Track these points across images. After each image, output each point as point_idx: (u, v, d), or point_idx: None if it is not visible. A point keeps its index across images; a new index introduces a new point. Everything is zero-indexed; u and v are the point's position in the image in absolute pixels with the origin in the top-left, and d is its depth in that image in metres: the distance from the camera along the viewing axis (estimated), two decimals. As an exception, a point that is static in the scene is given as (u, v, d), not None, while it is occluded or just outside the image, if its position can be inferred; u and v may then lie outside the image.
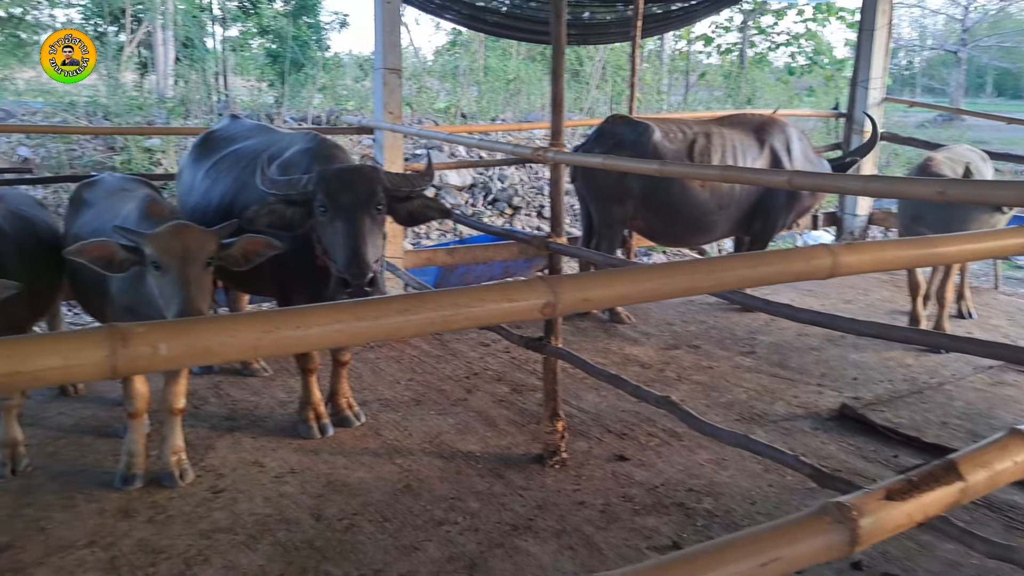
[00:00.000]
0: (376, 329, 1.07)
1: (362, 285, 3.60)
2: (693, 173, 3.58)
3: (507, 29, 9.18)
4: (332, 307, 1.06)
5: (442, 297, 1.11)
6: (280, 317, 1.02)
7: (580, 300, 1.22)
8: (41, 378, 0.90)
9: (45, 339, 0.91)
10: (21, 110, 11.19)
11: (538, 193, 11.15)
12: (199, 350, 0.97)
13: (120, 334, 0.93)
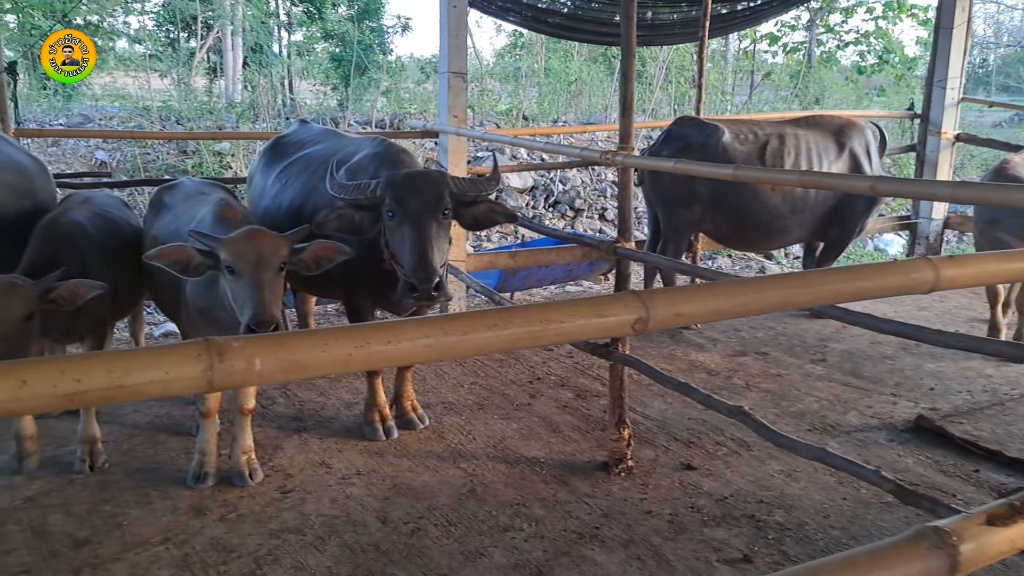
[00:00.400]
0: (465, 344, 1.05)
1: (429, 290, 3.61)
2: (769, 178, 3.49)
3: (568, 30, 9.15)
4: (421, 322, 1.05)
5: (531, 312, 1.09)
6: (371, 332, 1.01)
7: (673, 315, 1.18)
8: (141, 392, 0.90)
9: (144, 353, 0.92)
10: (99, 115, 11.58)
11: (600, 195, 11.07)
12: (293, 365, 0.97)
13: (216, 348, 0.94)
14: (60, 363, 0.88)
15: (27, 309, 3.57)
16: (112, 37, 21.66)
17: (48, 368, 0.87)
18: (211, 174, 10.05)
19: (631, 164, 3.89)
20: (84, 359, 0.90)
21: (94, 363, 0.89)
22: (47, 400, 0.86)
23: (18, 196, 4.61)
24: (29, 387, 0.85)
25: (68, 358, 0.89)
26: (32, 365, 0.87)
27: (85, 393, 0.87)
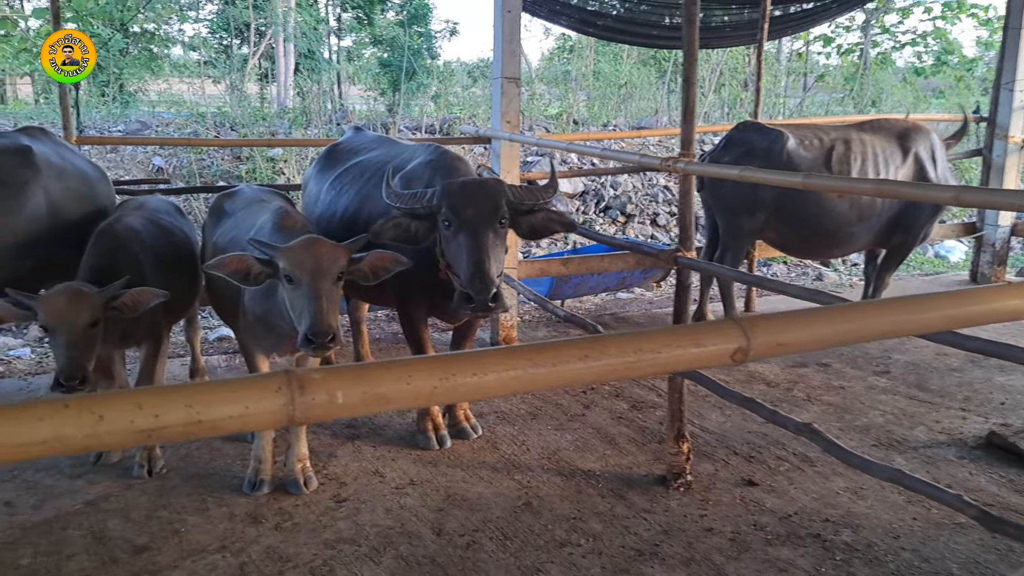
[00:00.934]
0: (554, 376, 0.99)
1: (486, 301, 3.55)
2: (844, 187, 3.35)
3: (618, 33, 9.05)
4: (508, 353, 0.99)
5: (625, 342, 1.03)
6: (456, 363, 0.95)
7: (775, 345, 1.11)
8: (220, 428, 0.86)
9: (223, 387, 0.87)
10: (155, 121, 11.80)
11: (652, 200, 10.93)
12: (376, 398, 0.91)
13: (298, 381, 0.89)
14: (138, 397, 0.83)
15: (93, 316, 3.66)
16: (167, 44, 22.14)
17: (125, 402, 0.82)
18: (264, 180, 10.15)
19: (694, 171, 3.79)
20: (163, 393, 0.85)
21: (173, 397, 0.84)
22: (124, 437, 0.82)
23: (81, 203, 4.69)
24: (105, 423, 0.81)
25: (146, 391, 0.84)
26: (109, 399, 0.83)
27: (163, 430, 0.83)
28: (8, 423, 0.77)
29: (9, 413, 0.78)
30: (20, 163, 4.40)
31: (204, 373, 5.46)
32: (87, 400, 0.81)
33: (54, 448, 0.79)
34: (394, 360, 0.96)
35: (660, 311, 7.68)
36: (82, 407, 0.80)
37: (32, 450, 0.79)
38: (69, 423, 0.79)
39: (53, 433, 0.79)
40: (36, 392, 5.39)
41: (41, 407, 0.80)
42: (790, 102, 17.42)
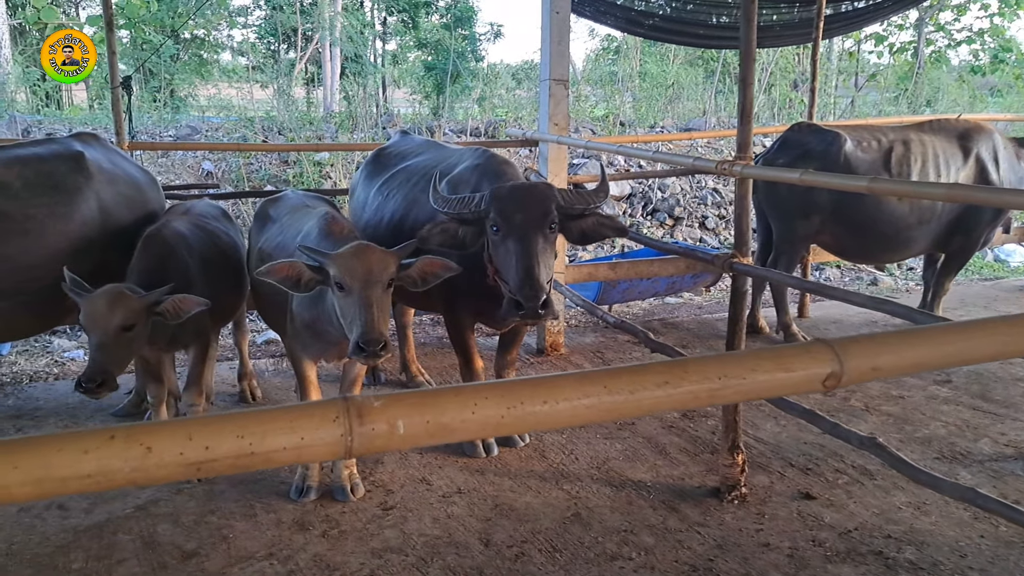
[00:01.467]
0: (631, 405, 0.91)
1: (535, 308, 3.47)
2: (912, 192, 3.20)
3: (665, 32, 8.91)
4: (582, 380, 0.91)
5: (707, 367, 0.94)
6: (526, 390, 0.88)
7: (869, 369, 1.02)
8: (274, 460, 0.80)
9: (278, 416, 0.81)
10: (205, 126, 11.96)
11: (700, 203, 10.75)
12: (439, 428, 0.85)
13: (356, 409, 0.82)
14: (188, 427, 0.78)
15: (127, 320, 3.66)
16: (217, 50, 22.50)
17: (175, 433, 0.77)
18: (311, 184, 10.21)
19: (751, 175, 3.67)
20: (214, 423, 0.80)
21: (224, 427, 0.79)
22: (173, 470, 0.76)
23: (131, 208, 4.73)
24: (154, 455, 0.75)
25: (197, 421, 0.79)
26: (157, 430, 0.77)
27: (214, 462, 0.77)
28: (51, 455, 0.72)
29: (52, 444, 0.73)
30: (73, 169, 4.44)
31: (252, 376, 5.47)
32: (135, 431, 0.76)
33: (99, 483, 0.74)
34: (458, 387, 0.89)
35: (710, 316, 7.52)
36: (129, 438, 0.75)
37: (75, 484, 0.74)
38: (115, 456, 0.74)
39: (99, 467, 0.73)
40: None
41: (86, 437, 0.74)
42: (841, 102, 17.03)
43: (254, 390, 5.42)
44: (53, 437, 0.74)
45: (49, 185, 4.32)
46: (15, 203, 4.16)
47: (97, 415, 5.12)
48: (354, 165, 10.42)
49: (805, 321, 7.10)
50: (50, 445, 0.73)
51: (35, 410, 5.23)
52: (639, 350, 6.22)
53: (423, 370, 5.71)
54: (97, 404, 5.26)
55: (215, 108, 15.98)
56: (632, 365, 0.93)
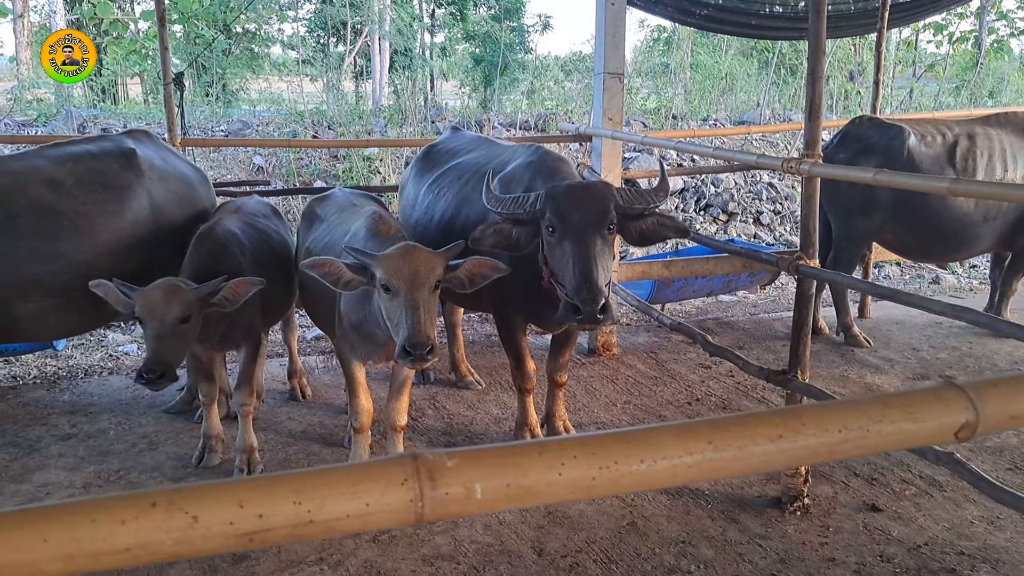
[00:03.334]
0: (740, 463, 0.79)
1: (594, 312, 3.34)
2: (996, 194, 2.98)
3: (718, 23, 8.66)
4: (683, 433, 0.79)
5: (826, 418, 0.82)
6: (620, 447, 0.77)
7: (1008, 418, 0.88)
8: (335, 529, 0.70)
9: (339, 476, 0.71)
10: (256, 120, 12.02)
11: (755, 199, 10.47)
12: (522, 492, 0.74)
13: (427, 471, 0.72)
14: (239, 492, 0.68)
15: (183, 311, 3.68)
16: (267, 44, 22.68)
17: (224, 500, 0.67)
18: (360, 179, 10.18)
19: (820, 174, 3.49)
20: (266, 485, 0.70)
21: (279, 491, 0.69)
22: (221, 541, 0.67)
23: (182, 205, 4.72)
24: (200, 526, 0.66)
25: (248, 484, 0.69)
26: (204, 495, 0.68)
27: (268, 532, 0.67)
28: (83, 527, 0.63)
29: (83, 512, 0.64)
30: (124, 166, 4.44)
31: (302, 374, 5.45)
32: (177, 497, 0.66)
33: (138, 558, 0.64)
34: (543, 443, 0.78)
35: (767, 316, 7.31)
36: (172, 506, 0.65)
37: (111, 560, 0.64)
38: (157, 527, 0.65)
39: (138, 539, 0.64)
40: (142, 391, 5.47)
41: (123, 505, 0.65)
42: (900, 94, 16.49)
43: (304, 388, 5.39)
44: (86, 504, 0.65)
45: (101, 183, 4.33)
46: (68, 201, 4.17)
47: (150, 411, 5.13)
48: (403, 160, 10.37)
49: (866, 321, 6.85)
50: (83, 514, 0.64)
51: (89, 405, 5.26)
52: (694, 350, 6.05)
53: (472, 369, 5.62)
54: (150, 400, 5.29)
55: (266, 102, 16.08)
56: (741, 415, 0.81)
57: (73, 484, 4.22)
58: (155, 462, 4.47)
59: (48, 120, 11.39)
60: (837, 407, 0.84)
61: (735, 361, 3.99)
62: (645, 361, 5.93)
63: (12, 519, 0.63)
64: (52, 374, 6.39)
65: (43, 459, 4.50)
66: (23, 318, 4.12)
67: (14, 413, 5.13)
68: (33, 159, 4.28)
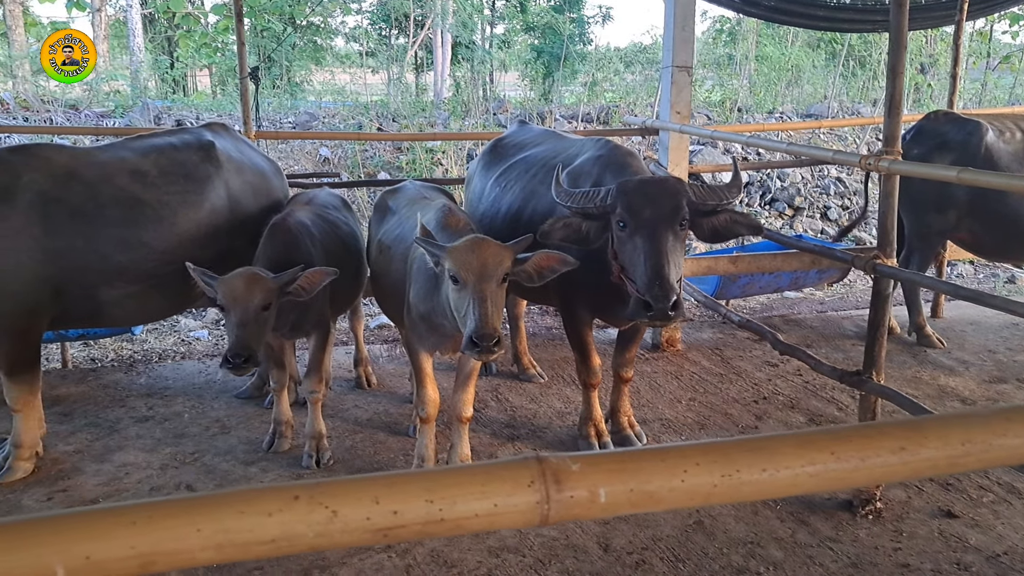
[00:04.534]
0: (862, 473, 0.79)
1: (665, 309, 3.32)
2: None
3: (783, 14, 8.47)
4: (805, 443, 0.80)
5: (949, 431, 0.81)
6: (743, 456, 0.77)
7: None
8: (463, 527, 0.72)
9: (469, 476, 0.73)
10: (322, 112, 12.23)
11: (823, 193, 10.25)
12: (644, 497, 0.75)
13: (553, 474, 0.73)
14: (374, 488, 0.70)
15: (265, 299, 3.81)
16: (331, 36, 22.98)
17: (361, 495, 0.70)
18: (423, 171, 10.28)
19: (900, 172, 3.40)
20: (400, 483, 0.72)
21: (412, 490, 0.71)
22: (358, 536, 0.69)
23: (257, 196, 4.83)
24: (339, 520, 0.68)
25: (383, 481, 0.71)
26: (342, 490, 0.70)
27: (401, 528, 0.70)
28: (231, 518, 0.66)
29: (232, 504, 0.67)
30: (204, 158, 4.56)
31: (368, 363, 5.55)
32: (318, 491, 0.69)
33: (281, 548, 0.67)
34: (665, 450, 0.78)
35: (835, 314, 7.17)
36: (313, 500, 0.68)
37: (257, 550, 0.68)
38: (299, 520, 0.68)
39: (282, 531, 0.67)
40: (214, 375, 5.64)
41: (269, 498, 0.68)
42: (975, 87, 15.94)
43: (369, 376, 5.49)
44: (234, 496, 0.68)
45: (182, 174, 4.46)
46: (152, 191, 4.31)
47: (222, 396, 5.28)
48: (465, 152, 10.43)
49: (939, 322, 6.67)
50: (231, 506, 0.67)
51: (164, 389, 5.44)
52: (760, 347, 5.97)
53: (534, 362, 5.64)
54: (222, 386, 5.44)
55: (330, 94, 16.33)
56: (861, 426, 0.81)
57: (151, 465, 4.37)
58: (228, 446, 4.60)
59: (125, 112, 11.75)
60: (960, 420, 0.83)
61: (806, 360, 3.93)
62: (710, 358, 5.87)
63: (168, 509, 0.66)
64: (128, 358, 6.62)
65: (122, 440, 4.66)
66: (108, 304, 4.27)
67: (94, 395, 5.33)
68: (119, 151, 4.42)
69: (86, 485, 4.16)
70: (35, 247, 4.00)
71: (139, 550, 0.64)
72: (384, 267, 4.33)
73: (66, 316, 4.33)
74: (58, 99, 12.32)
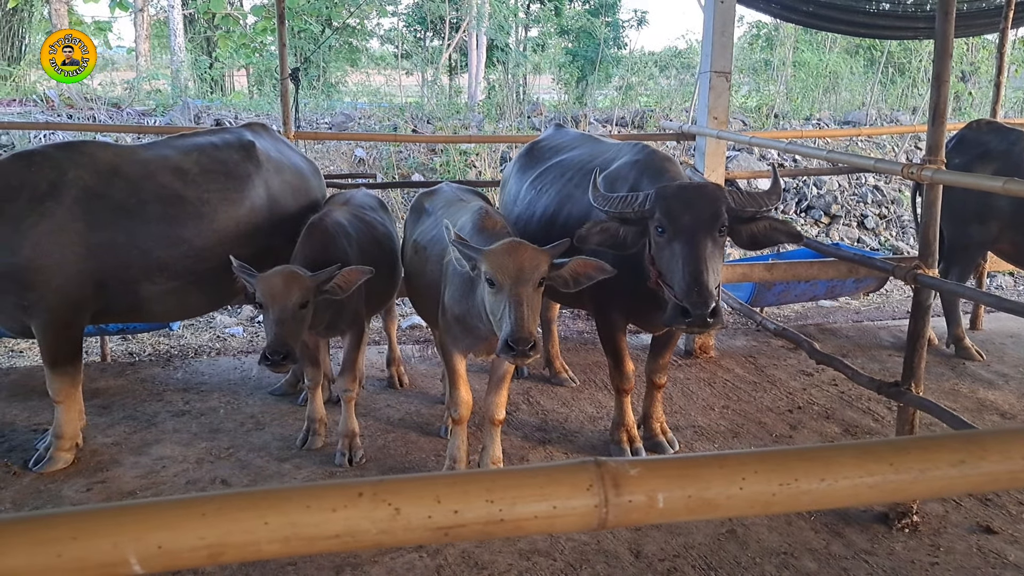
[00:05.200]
0: (921, 485, 0.79)
1: (704, 316, 3.30)
2: None
3: (822, 20, 8.40)
4: (864, 454, 0.79)
5: (1008, 445, 0.80)
6: (801, 465, 0.77)
7: None
8: (523, 528, 0.73)
9: (527, 479, 0.74)
10: (357, 113, 12.33)
11: (860, 201, 10.13)
12: (702, 504, 0.75)
13: (611, 478, 0.74)
14: (436, 487, 0.71)
15: (303, 297, 3.87)
16: (366, 38, 23.16)
17: (423, 494, 0.71)
18: (456, 172, 10.31)
19: (944, 181, 3.36)
20: (461, 483, 0.73)
21: (473, 490, 0.72)
22: (419, 534, 0.70)
23: (295, 196, 4.89)
24: (402, 517, 0.70)
25: (444, 480, 0.72)
26: (405, 488, 0.71)
27: (462, 528, 0.71)
28: (298, 512, 0.68)
29: (299, 499, 0.69)
30: (244, 157, 4.63)
31: (400, 362, 5.58)
32: (381, 488, 0.70)
33: (345, 544, 0.69)
34: (723, 457, 0.79)
35: (871, 323, 7.07)
36: (377, 497, 0.69)
37: (322, 544, 0.69)
38: (363, 516, 0.69)
39: (346, 527, 0.69)
40: (249, 371, 5.70)
41: (334, 494, 0.69)
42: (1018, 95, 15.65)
43: (402, 376, 5.52)
44: (301, 491, 0.70)
45: (223, 172, 4.52)
46: (193, 188, 4.38)
47: (256, 392, 5.34)
48: (499, 154, 10.45)
49: (978, 334, 6.56)
50: (297, 501, 0.69)
51: (200, 384, 5.51)
52: (795, 356, 5.91)
53: (566, 366, 5.64)
54: (256, 382, 5.50)
55: (365, 95, 16.45)
56: (920, 438, 0.81)
57: (187, 459, 4.43)
58: (262, 441, 4.65)
59: (166, 110, 11.95)
60: (1021, 434, 0.82)
61: (843, 370, 3.89)
62: (743, 365, 5.83)
63: (238, 502, 0.68)
64: (165, 352, 6.73)
65: (159, 433, 4.74)
66: (148, 299, 4.35)
67: (133, 388, 5.42)
68: (162, 149, 4.50)
69: (124, 477, 4.23)
70: (79, 242, 4.09)
71: (208, 541, 0.66)
72: (419, 268, 4.35)
73: (107, 310, 4.41)
74: (101, 97, 12.55)
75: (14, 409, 5.06)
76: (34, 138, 9.70)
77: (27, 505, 3.95)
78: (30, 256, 3.98)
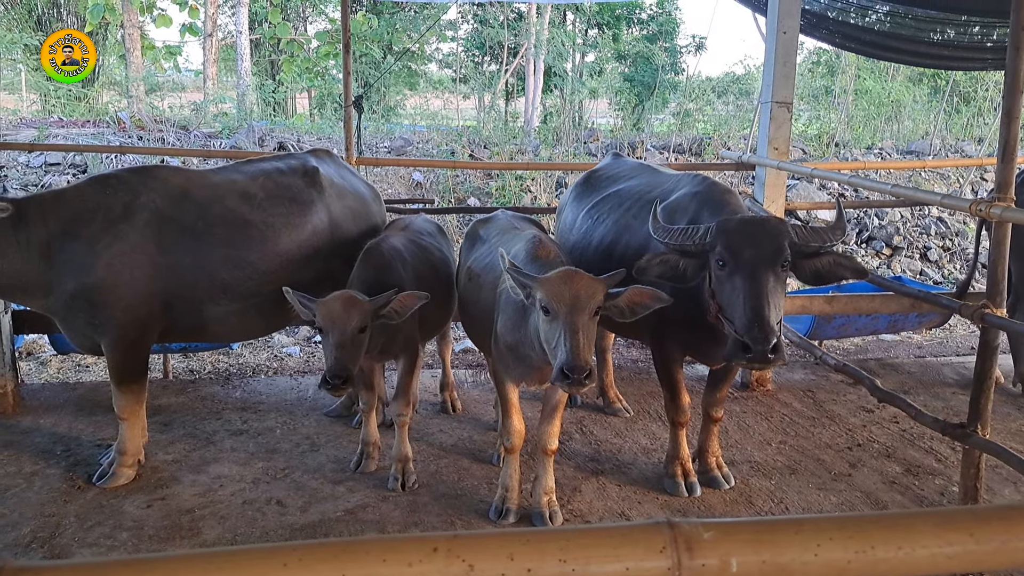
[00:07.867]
0: (1004, 556, 0.77)
1: (765, 352, 3.26)
2: None
3: (881, 49, 8.28)
4: (944, 522, 0.78)
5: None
6: (878, 532, 0.76)
7: None
8: (594, 587, 0.73)
9: (601, 538, 0.74)
10: (415, 137, 12.52)
11: (923, 233, 9.90)
12: (777, 569, 0.75)
13: (685, 541, 0.74)
14: (510, 544, 0.72)
15: (362, 322, 3.91)
16: (425, 62, 23.57)
17: (497, 551, 0.72)
18: (512, 197, 10.38)
19: (1014, 219, 3.27)
20: (535, 540, 0.74)
21: (546, 547, 0.73)
22: (493, 590, 0.71)
23: (356, 220, 4.98)
24: (476, 574, 0.70)
25: (519, 538, 0.73)
26: (479, 544, 0.72)
27: (535, 586, 0.71)
28: (375, 566, 0.69)
29: (376, 552, 0.70)
30: (308, 183, 4.73)
31: (454, 387, 5.61)
32: (456, 544, 0.72)
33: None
34: (799, 521, 0.78)
35: (934, 360, 6.88)
36: (451, 553, 0.71)
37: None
38: (438, 572, 0.70)
39: (422, 582, 0.70)
40: (305, 392, 5.79)
41: (410, 548, 0.71)
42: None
43: (455, 402, 5.54)
44: (377, 543, 0.71)
45: (287, 197, 4.63)
46: (258, 212, 4.49)
47: (312, 413, 5.42)
48: (554, 180, 10.49)
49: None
50: (375, 554, 0.70)
51: (258, 403, 5.61)
52: (855, 391, 5.78)
53: (620, 396, 5.60)
54: (312, 402, 5.58)
55: (423, 118, 16.71)
56: (1002, 507, 0.79)
57: (244, 478, 4.51)
58: (317, 463, 4.71)
59: (231, 132, 12.30)
60: (1111, 508, 0.79)
61: (907, 409, 3.79)
62: (802, 400, 5.72)
63: (319, 553, 0.70)
64: (224, 371, 6.88)
65: (218, 452, 4.83)
66: (211, 320, 4.46)
67: (193, 406, 5.55)
68: (230, 173, 4.64)
69: (183, 495, 4.32)
70: (148, 263, 4.22)
71: (289, 590, 0.68)
72: (473, 295, 4.37)
73: (172, 330, 4.53)
74: (169, 119, 12.98)
75: (80, 423, 5.22)
76: (105, 159, 10.06)
77: (89, 520, 4.06)
78: (103, 276, 4.13)
